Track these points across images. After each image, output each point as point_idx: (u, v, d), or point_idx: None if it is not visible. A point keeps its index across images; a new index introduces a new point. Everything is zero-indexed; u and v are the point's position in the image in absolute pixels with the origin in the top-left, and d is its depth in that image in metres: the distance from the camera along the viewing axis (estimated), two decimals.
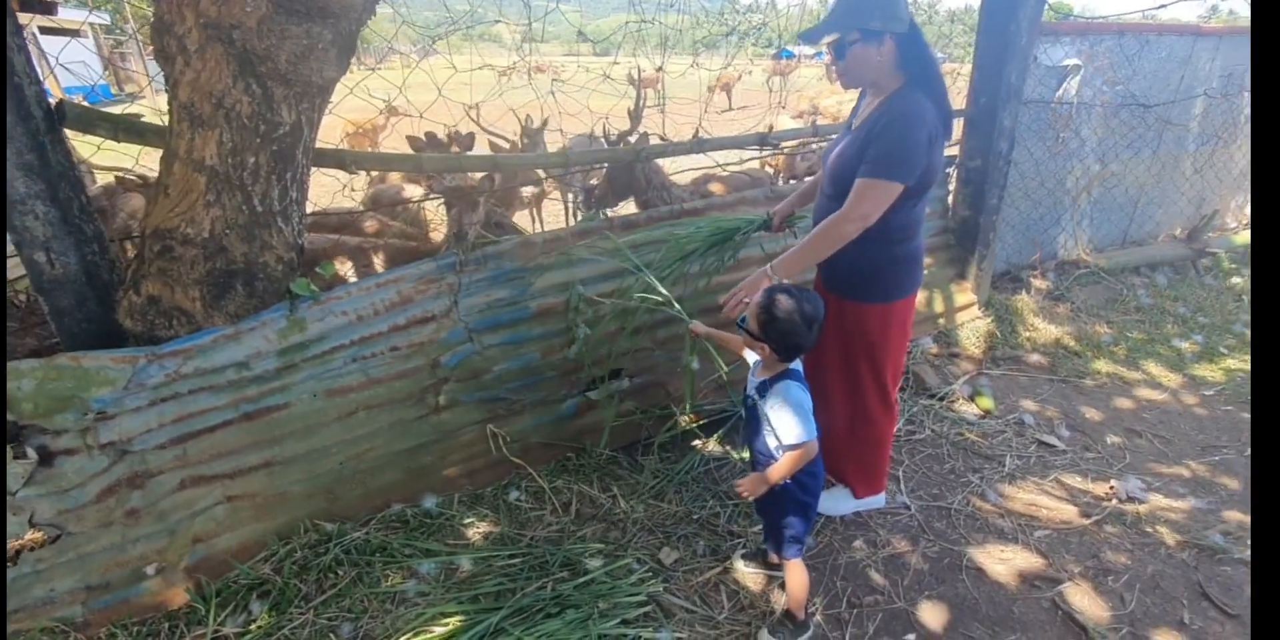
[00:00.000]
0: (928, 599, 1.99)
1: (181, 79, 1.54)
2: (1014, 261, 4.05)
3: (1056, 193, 3.94)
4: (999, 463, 2.60)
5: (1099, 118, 3.82)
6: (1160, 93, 3.98)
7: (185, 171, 1.65)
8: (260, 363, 1.98)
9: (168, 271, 1.72)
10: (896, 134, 1.72)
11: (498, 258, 2.36)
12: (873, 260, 1.90)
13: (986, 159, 3.29)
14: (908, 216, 1.87)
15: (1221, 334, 3.63)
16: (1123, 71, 3.71)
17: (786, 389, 1.64)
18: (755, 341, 1.68)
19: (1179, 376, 3.26)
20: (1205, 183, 4.59)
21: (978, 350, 3.40)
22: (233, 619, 1.89)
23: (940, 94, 1.78)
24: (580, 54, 4.10)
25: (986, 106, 3.21)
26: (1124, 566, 2.08)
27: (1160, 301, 3.94)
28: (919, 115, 1.72)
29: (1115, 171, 4.08)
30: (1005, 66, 3.07)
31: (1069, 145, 3.80)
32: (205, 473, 2.00)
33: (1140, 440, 2.76)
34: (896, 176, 1.73)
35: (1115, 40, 3.62)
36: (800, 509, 1.75)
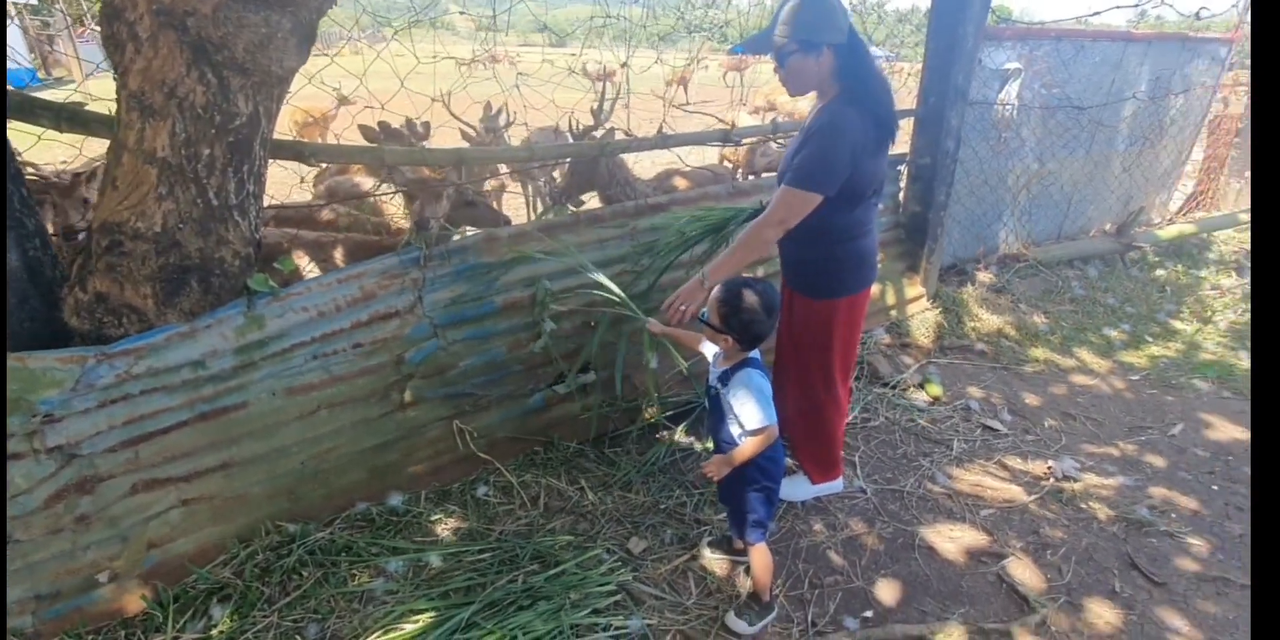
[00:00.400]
0: (883, 577, 2.09)
1: (132, 67, 1.47)
2: (960, 255, 4.24)
3: (999, 190, 4.14)
4: (947, 447, 2.74)
5: (1038, 119, 4.03)
6: (1093, 96, 4.22)
7: (135, 163, 1.58)
8: (217, 361, 1.92)
9: (117, 267, 1.65)
10: (816, 146, 1.80)
11: (462, 252, 2.35)
12: (818, 258, 2.00)
13: (935, 157, 3.43)
14: (850, 218, 1.94)
15: (1147, 323, 3.90)
16: (1059, 75, 3.91)
17: (748, 377, 1.70)
18: (718, 334, 1.73)
19: (1108, 363, 3.48)
20: (1133, 181, 4.89)
21: (927, 340, 3.56)
22: (192, 625, 1.85)
23: (874, 105, 1.81)
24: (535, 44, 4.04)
25: (935, 106, 3.34)
26: (1061, 540, 2.23)
27: (1092, 292, 4.19)
28: (842, 128, 1.77)
29: (1052, 170, 4.31)
30: (952, 68, 3.21)
31: (1010, 145, 3.99)
32: (159, 476, 1.93)
33: (1075, 423, 2.95)
34: (812, 187, 1.80)
35: (1053, 45, 3.82)
36: (763, 493, 1.82)
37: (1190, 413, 3.02)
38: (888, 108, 1.85)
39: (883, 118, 1.84)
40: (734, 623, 1.87)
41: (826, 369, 2.12)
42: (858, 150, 1.81)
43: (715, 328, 1.73)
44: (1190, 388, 3.24)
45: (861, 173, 1.85)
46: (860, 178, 1.86)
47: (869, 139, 1.82)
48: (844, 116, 1.79)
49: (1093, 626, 1.91)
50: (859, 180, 1.86)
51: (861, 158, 1.83)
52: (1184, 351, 3.59)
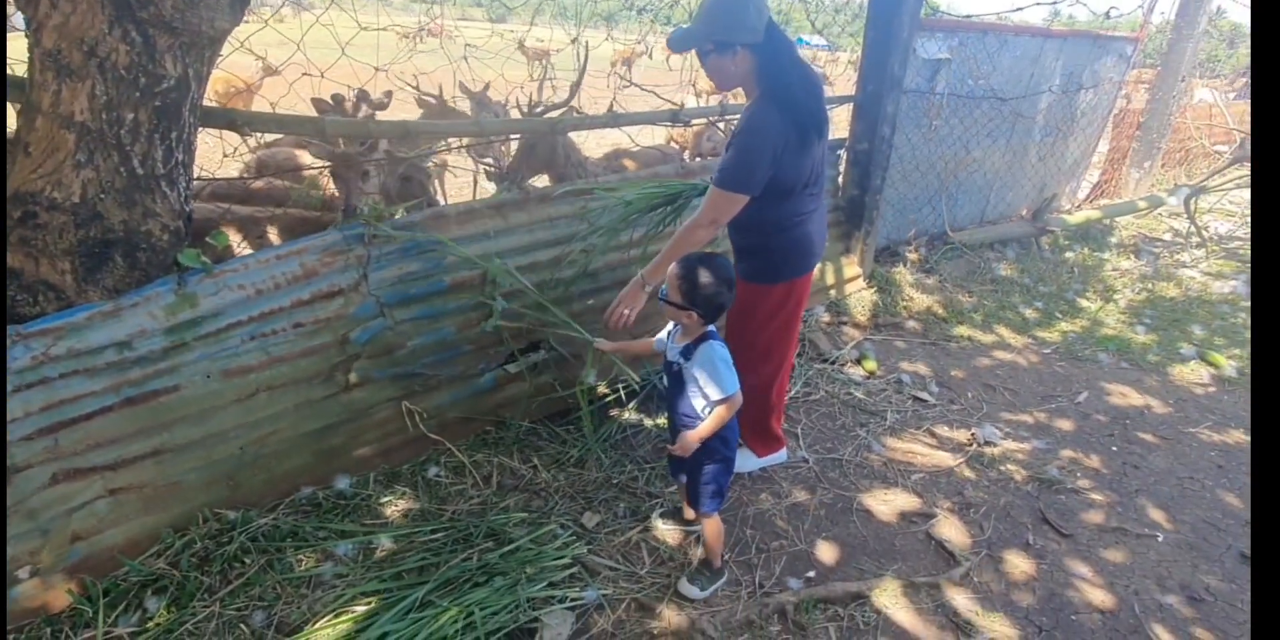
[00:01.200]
0: (824, 539, 2.22)
1: (47, 23, 1.35)
2: (893, 238, 4.45)
3: (929, 175, 4.35)
4: (882, 417, 2.90)
5: (965, 108, 4.24)
6: (1014, 88, 4.47)
7: (50, 127, 1.46)
8: (145, 342, 1.81)
9: (31, 241, 1.53)
10: (737, 148, 1.84)
11: (409, 229, 2.28)
12: (756, 247, 2.07)
13: (872, 142, 3.57)
14: (782, 210, 1.98)
15: (1057, 301, 4.22)
16: (985, 67, 4.13)
17: (712, 349, 1.75)
18: (680, 311, 1.76)
19: (1024, 338, 3.76)
20: (1046, 170, 5.24)
21: (863, 318, 3.74)
22: (125, 618, 1.77)
23: (795, 103, 1.81)
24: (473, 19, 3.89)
25: (873, 94, 3.47)
26: (982, 500, 2.42)
27: (1010, 273, 4.49)
28: (761, 129, 1.80)
29: (976, 158, 4.56)
30: (889, 57, 3.33)
31: (940, 132, 4.20)
32: (82, 465, 1.82)
33: (995, 393, 3.18)
34: (736, 188, 1.85)
35: (980, 38, 4.02)
36: (723, 464, 1.89)
37: (1093, 382, 3.32)
38: (810, 107, 1.86)
39: (804, 117, 1.84)
40: (686, 588, 1.94)
41: (768, 349, 2.20)
42: (779, 149, 1.83)
43: (678, 305, 1.76)
44: (1093, 360, 3.54)
45: (787, 170, 1.88)
46: (786, 174, 1.89)
47: (791, 137, 1.84)
48: (763, 117, 1.81)
49: (1010, 576, 2.10)
50: (785, 177, 1.89)
51: (784, 156, 1.85)
52: (1088, 327, 3.92)
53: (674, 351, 1.84)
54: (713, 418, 1.76)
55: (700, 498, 1.93)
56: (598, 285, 2.83)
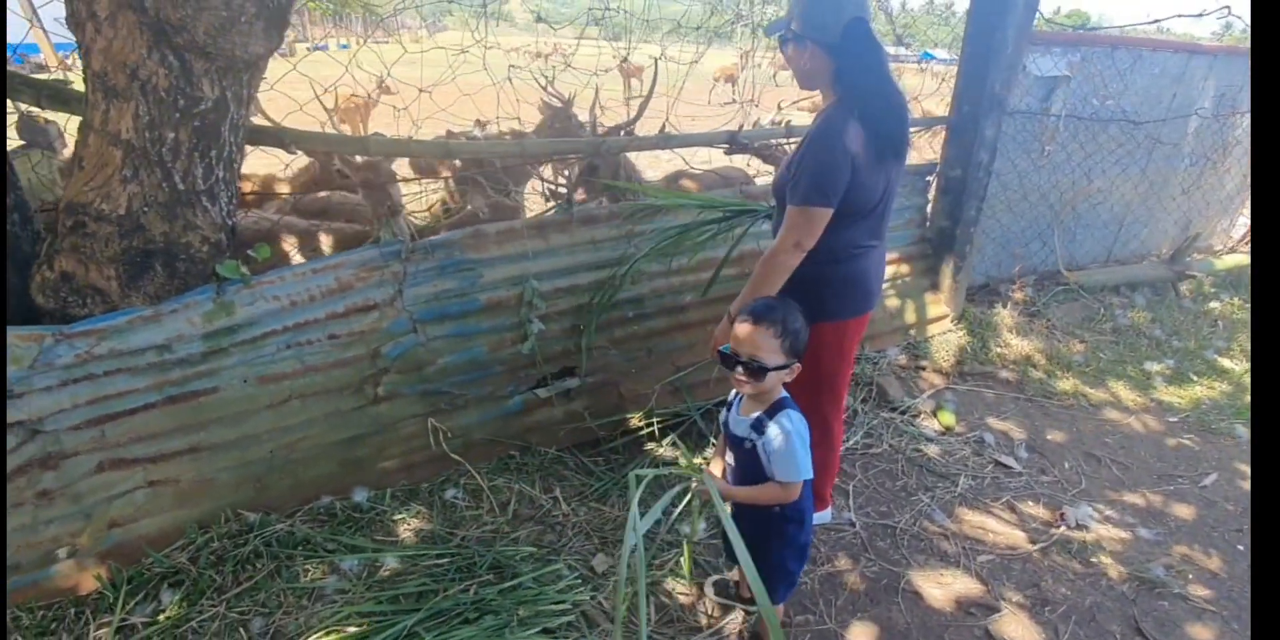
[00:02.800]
0: (859, 621, 1.94)
1: (93, 47, 1.45)
2: (992, 275, 3.99)
3: (1039, 206, 3.88)
4: (952, 482, 2.55)
5: (1087, 132, 3.74)
6: (1151, 110, 3.90)
7: (101, 144, 1.57)
8: (184, 346, 1.91)
9: (81, 248, 1.65)
10: (813, 158, 1.66)
11: (447, 247, 2.29)
12: (804, 278, 1.84)
13: (966, 169, 3.22)
14: (840, 238, 1.79)
15: (1193, 359, 3.58)
16: (1114, 86, 3.63)
17: (791, 420, 1.48)
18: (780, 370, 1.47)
19: (1145, 400, 3.21)
20: (1192, 204, 4.53)
21: (946, 364, 3.35)
22: (141, 608, 1.84)
23: (871, 115, 1.67)
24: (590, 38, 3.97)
25: (969, 115, 3.13)
26: (1063, 597, 2.04)
27: (1136, 323, 3.88)
28: (835, 136, 1.64)
29: (1101, 188, 4.01)
30: (989, 75, 2.99)
31: (1055, 158, 3.73)
32: (125, 456, 1.94)
33: (1098, 465, 2.71)
34: (819, 201, 1.66)
35: (1108, 53, 3.54)
36: (799, 550, 1.65)
37: (1227, 462, 2.75)
38: (888, 125, 1.70)
39: (880, 132, 1.68)
40: None
41: (813, 397, 1.96)
42: (855, 159, 1.66)
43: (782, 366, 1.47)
44: (1230, 434, 2.94)
45: (858, 184, 1.70)
46: (857, 190, 1.71)
47: (867, 150, 1.67)
48: (837, 123, 1.67)
49: None
50: (855, 195, 1.71)
51: (860, 168, 1.68)
52: (1230, 393, 3.28)
53: (742, 425, 1.55)
54: (762, 489, 1.51)
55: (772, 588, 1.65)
56: (642, 311, 2.71)
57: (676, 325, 2.78)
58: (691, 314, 2.80)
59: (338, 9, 17.72)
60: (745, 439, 1.54)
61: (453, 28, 18.47)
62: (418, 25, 13.08)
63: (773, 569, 1.64)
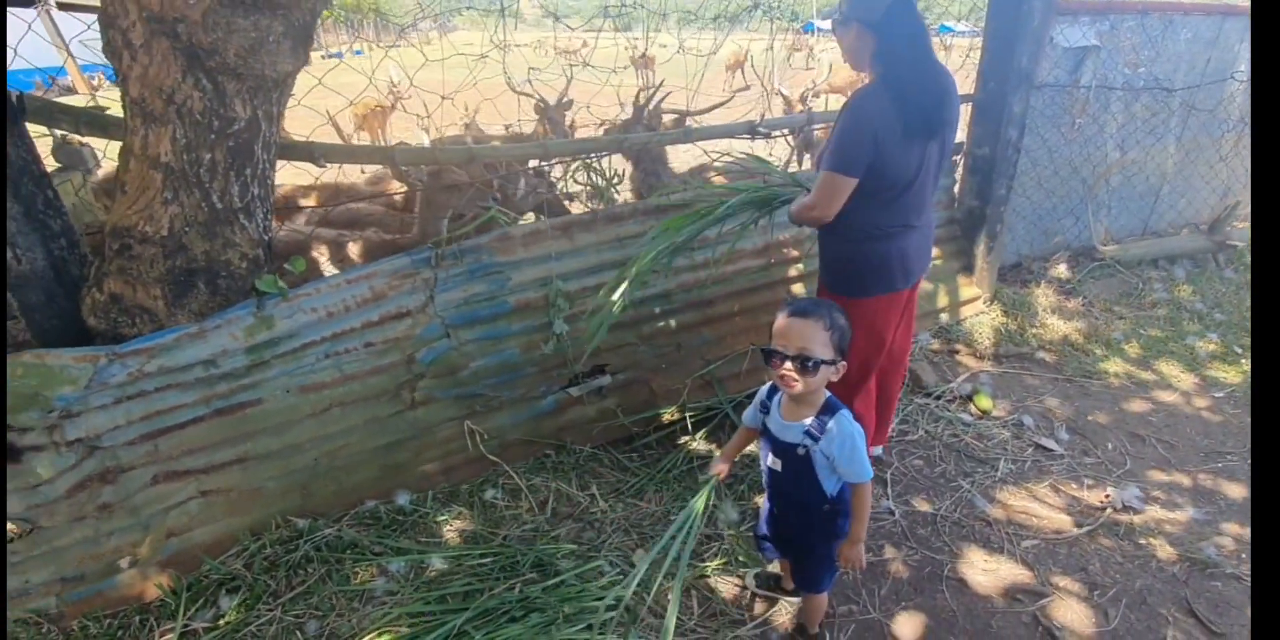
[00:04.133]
0: (904, 610, 1.93)
1: (130, 74, 1.49)
2: (1025, 253, 3.91)
3: (1071, 181, 3.77)
4: (992, 467, 2.51)
5: (1119, 102, 3.63)
6: (1185, 76, 3.76)
7: (141, 168, 1.61)
8: (228, 360, 1.96)
9: (128, 270, 1.70)
10: (840, 127, 1.77)
11: (475, 252, 2.32)
12: (834, 252, 1.99)
13: (994, 147, 3.14)
14: (867, 216, 1.87)
15: (1238, 332, 3.47)
16: (1145, 53, 3.50)
17: (847, 421, 1.47)
18: (829, 366, 1.43)
19: (1192, 377, 3.12)
20: (1232, 172, 4.36)
21: (981, 347, 3.29)
22: (202, 614, 1.91)
23: (903, 94, 1.73)
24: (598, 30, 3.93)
25: (995, 91, 3.05)
26: (1112, 580, 2.00)
27: (1177, 296, 3.77)
28: (864, 109, 1.74)
29: (1135, 159, 3.88)
30: (1015, 49, 2.91)
31: (1085, 131, 3.62)
32: (178, 468, 2.00)
33: (1144, 445, 2.65)
34: (841, 168, 1.76)
35: (1137, 20, 3.41)
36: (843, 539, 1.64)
37: None
38: (921, 103, 1.74)
39: (913, 109, 1.72)
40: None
41: (858, 373, 2.03)
42: (881, 134, 1.73)
43: (831, 361, 1.43)
44: None
45: (885, 162, 1.76)
46: (883, 168, 1.77)
47: (894, 125, 1.72)
48: (867, 98, 1.75)
49: None
50: (882, 171, 1.77)
51: (885, 143, 1.74)
52: None
53: (794, 432, 1.51)
54: (861, 506, 1.50)
55: (819, 580, 1.69)
56: (670, 307, 2.72)
57: (705, 319, 2.78)
58: (719, 307, 2.79)
59: (349, 16, 17.82)
60: (798, 445, 1.51)
61: (463, 28, 18.49)
62: (428, 27, 13.16)
63: (819, 561, 1.65)
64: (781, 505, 1.67)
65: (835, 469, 1.50)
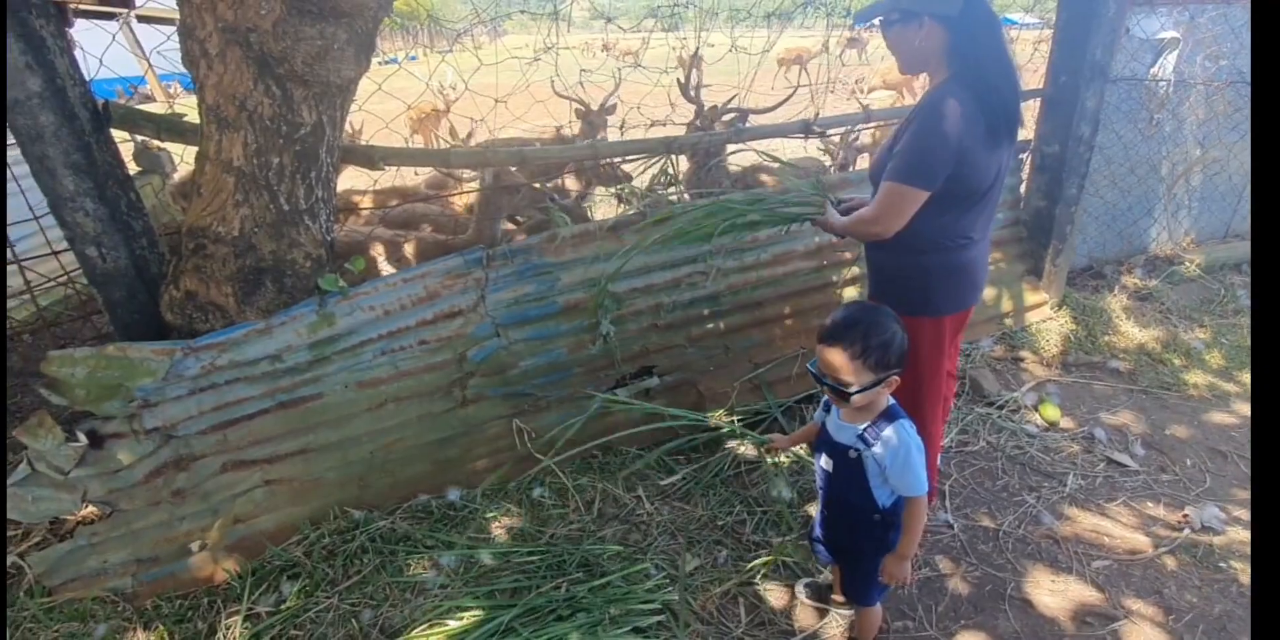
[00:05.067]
0: (964, 629, 1.85)
1: (206, 82, 1.57)
2: (1096, 256, 3.70)
3: (1149, 180, 3.55)
4: (1060, 481, 2.39)
5: (1200, 97, 3.39)
6: None
7: (215, 172, 1.69)
8: (292, 355, 2.04)
9: (202, 268, 1.79)
10: (917, 131, 1.58)
11: (525, 252, 2.34)
12: (898, 268, 1.77)
13: (1065, 144, 2.99)
14: (945, 224, 1.69)
15: None
16: (1228, 45, 3.26)
17: (905, 431, 1.43)
18: (880, 386, 1.41)
19: None
20: None
21: (1047, 354, 3.14)
22: (265, 598, 1.98)
23: (987, 91, 1.58)
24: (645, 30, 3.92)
25: (1067, 86, 2.90)
26: (1189, 605, 1.87)
27: None
28: (946, 114, 1.55)
29: (1218, 157, 3.63)
30: (1089, 41, 2.76)
31: (1164, 128, 3.40)
32: (245, 457, 2.10)
33: (1226, 462, 2.47)
34: (915, 181, 1.58)
35: (1220, 10, 3.19)
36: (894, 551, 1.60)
37: None
38: (1006, 98, 1.60)
39: (997, 107, 1.58)
40: None
41: (914, 396, 1.87)
42: (965, 140, 1.57)
43: (875, 383, 1.39)
44: None
45: (968, 168, 1.60)
46: (967, 175, 1.61)
47: (978, 129, 1.57)
48: (950, 100, 1.57)
49: None
50: (964, 177, 1.61)
51: (969, 150, 1.58)
52: None
53: (848, 434, 1.50)
54: (913, 521, 1.46)
55: (865, 592, 1.65)
56: (719, 308, 2.69)
57: (754, 321, 2.73)
58: (769, 310, 2.75)
59: (405, 22, 18.35)
60: (850, 448, 1.49)
61: (513, 32, 18.78)
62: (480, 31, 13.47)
63: (868, 573, 1.60)
64: (833, 509, 1.63)
65: (886, 479, 1.45)
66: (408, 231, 2.58)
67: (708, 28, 4.87)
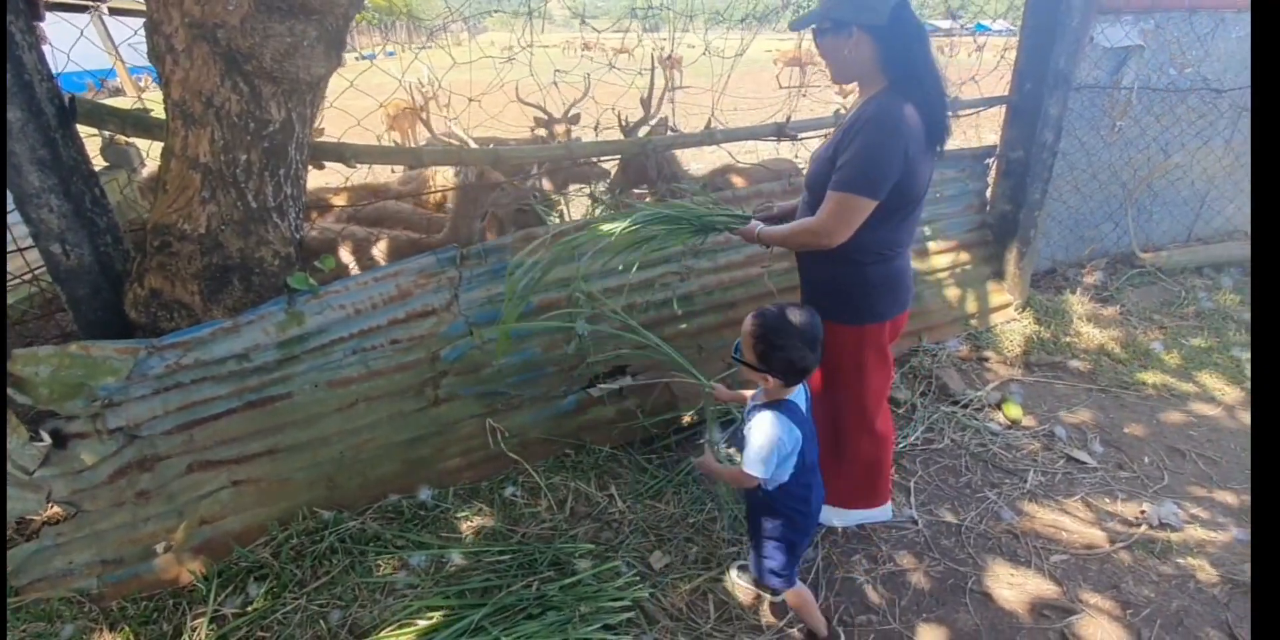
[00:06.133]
0: (925, 622, 1.89)
1: (172, 78, 1.56)
2: (1060, 259, 3.80)
3: (1111, 185, 3.66)
4: (1021, 478, 2.45)
5: (1163, 104, 3.50)
6: (1236, 76, 3.61)
7: (181, 169, 1.68)
8: (260, 354, 2.02)
9: (167, 266, 1.77)
10: (865, 141, 1.56)
11: (499, 252, 2.35)
12: (840, 279, 1.78)
13: (1029, 150, 3.07)
14: (882, 235, 1.70)
15: None
16: (1193, 53, 3.38)
17: (764, 421, 1.53)
18: (757, 373, 1.54)
19: (1236, 390, 2.99)
20: None
21: (1011, 354, 3.21)
22: (232, 600, 1.96)
23: (927, 97, 1.60)
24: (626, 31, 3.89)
25: (1031, 93, 2.98)
26: (1146, 599, 1.93)
27: (1223, 306, 3.62)
28: (893, 123, 1.55)
29: (1180, 163, 3.75)
30: (1053, 49, 2.83)
31: (1126, 134, 3.51)
32: (211, 458, 2.07)
33: (1183, 460, 2.55)
34: (866, 191, 1.58)
35: (1185, 18, 3.29)
36: (785, 545, 1.67)
37: None
38: (938, 107, 1.62)
39: (933, 117, 1.61)
40: None
41: (859, 397, 1.91)
42: (911, 149, 1.59)
43: (753, 366, 1.53)
44: None
45: (910, 177, 1.63)
46: (909, 184, 1.64)
47: (919, 135, 1.60)
48: (894, 109, 1.57)
49: None
50: (908, 186, 1.64)
51: (914, 159, 1.61)
52: None
53: (751, 403, 1.66)
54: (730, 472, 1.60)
55: (760, 569, 1.73)
56: (692, 309, 2.71)
57: (726, 322, 2.76)
58: (742, 310, 2.77)
59: (383, 18, 18.15)
60: (745, 421, 1.66)
61: (493, 29, 18.61)
62: (459, 28, 13.38)
63: (759, 547, 1.71)
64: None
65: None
66: (380, 230, 2.56)
67: (686, 29, 4.91)
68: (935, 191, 3.18)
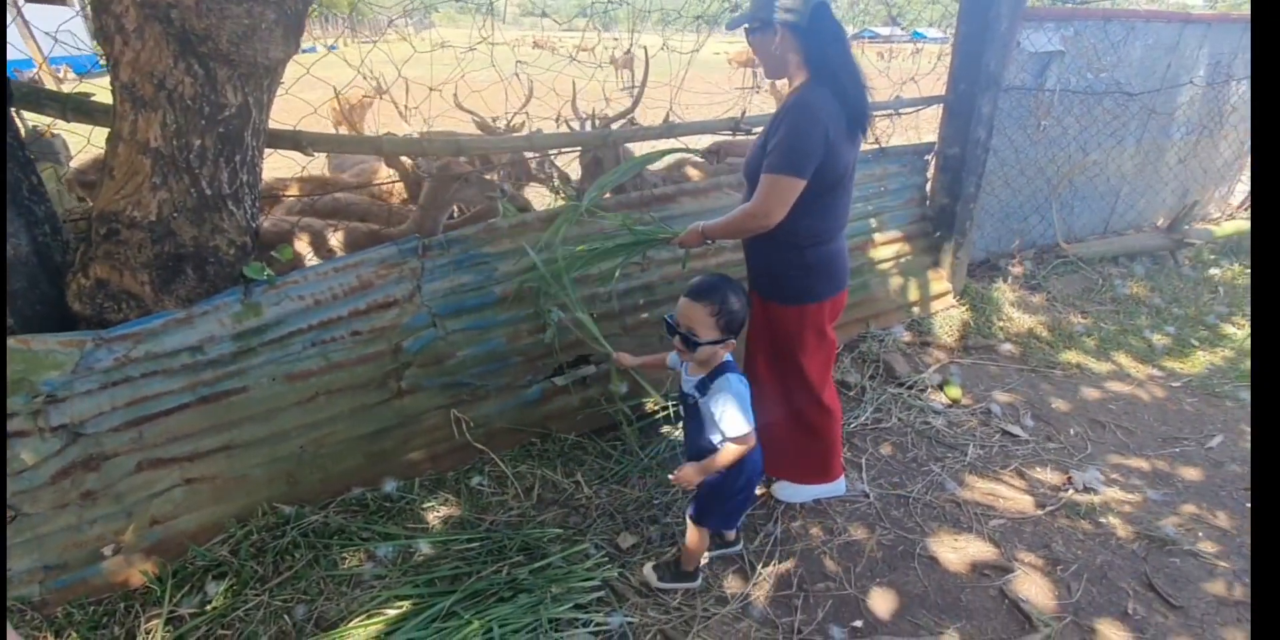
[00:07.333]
0: (878, 586, 2.01)
1: (122, 59, 1.50)
2: (993, 250, 4.05)
3: (1037, 181, 3.92)
4: (961, 452, 2.62)
5: (1081, 105, 3.78)
6: (1146, 80, 3.94)
7: (130, 153, 1.62)
8: (215, 347, 1.97)
9: (115, 255, 1.71)
10: (789, 126, 1.71)
11: (462, 242, 2.35)
12: (779, 263, 1.92)
13: (964, 146, 3.26)
14: (816, 220, 1.85)
15: (1194, 326, 3.64)
16: (1107, 58, 3.66)
17: (728, 382, 1.65)
18: (720, 346, 1.66)
19: (1148, 368, 3.27)
20: (1189, 173, 4.57)
21: (950, 339, 3.41)
22: (188, 600, 1.91)
23: (844, 89, 1.74)
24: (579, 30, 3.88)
25: (965, 94, 3.17)
26: (1073, 556, 2.11)
27: (1137, 292, 3.94)
28: (814, 108, 1.70)
29: (1097, 160, 4.05)
30: (984, 53, 3.03)
31: (1050, 133, 3.77)
32: (162, 455, 2.00)
33: (1104, 431, 2.78)
34: (792, 171, 1.72)
35: (1100, 26, 3.57)
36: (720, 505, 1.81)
37: (1232, 424, 2.82)
38: (856, 97, 1.77)
39: (852, 105, 1.76)
40: (648, 572, 1.97)
41: (804, 374, 2.04)
42: (830, 131, 1.73)
43: (715, 342, 1.65)
44: (1234, 397, 3.01)
45: (832, 157, 1.76)
46: (831, 164, 1.77)
47: (840, 123, 1.75)
48: (814, 98, 1.73)
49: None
50: (831, 166, 1.77)
51: (834, 141, 1.75)
52: (1232, 358, 3.35)
53: (689, 384, 1.75)
54: (724, 455, 1.66)
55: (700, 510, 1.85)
56: (654, 298, 2.77)
57: None
58: None
59: (324, 11, 17.51)
60: (690, 396, 1.75)
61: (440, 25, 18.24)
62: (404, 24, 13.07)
63: (704, 497, 1.82)
64: (689, 450, 1.87)
65: (716, 424, 1.66)
66: (339, 221, 2.52)
67: (639, 29, 4.97)
68: (880, 185, 3.34)
